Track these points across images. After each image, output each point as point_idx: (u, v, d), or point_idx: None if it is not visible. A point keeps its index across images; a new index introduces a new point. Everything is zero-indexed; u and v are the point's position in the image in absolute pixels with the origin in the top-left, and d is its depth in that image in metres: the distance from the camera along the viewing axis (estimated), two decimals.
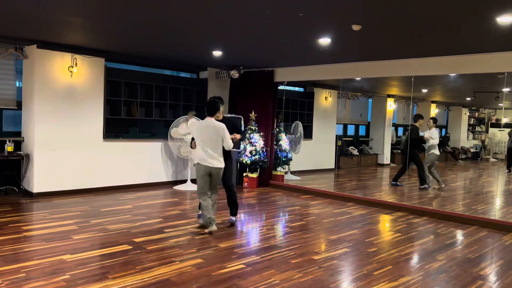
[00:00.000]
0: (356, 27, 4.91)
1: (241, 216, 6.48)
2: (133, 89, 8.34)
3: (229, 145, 5.33)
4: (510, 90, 10.46)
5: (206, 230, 5.33)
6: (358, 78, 9.28)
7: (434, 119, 9.29)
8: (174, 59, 8.51)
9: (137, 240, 4.93)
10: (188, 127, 5.94)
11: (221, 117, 5.48)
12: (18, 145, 7.27)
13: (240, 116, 8.97)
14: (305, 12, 4.49)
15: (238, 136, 5.69)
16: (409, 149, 8.67)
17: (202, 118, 5.79)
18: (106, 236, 5.06)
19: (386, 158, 13.76)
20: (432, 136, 8.97)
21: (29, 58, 7.09)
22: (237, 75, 8.72)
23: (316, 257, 4.58)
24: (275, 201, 7.65)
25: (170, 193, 8.04)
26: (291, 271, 4.16)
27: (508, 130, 12.85)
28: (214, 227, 5.32)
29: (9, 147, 6.95)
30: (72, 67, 7.30)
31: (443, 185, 9.11)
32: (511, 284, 4.04)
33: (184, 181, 8.72)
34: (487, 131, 14.07)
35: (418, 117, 9.25)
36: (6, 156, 6.91)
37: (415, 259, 4.69)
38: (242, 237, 5.35)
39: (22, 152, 7.15)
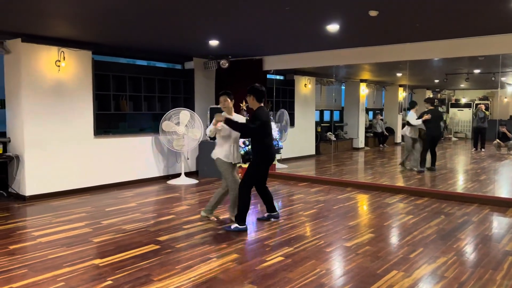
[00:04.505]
0: (373, 13, 4.91)
1: (252, 207, 6.41)
2: (121, 83, 7.99)
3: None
4: (481, 71, 10.95)
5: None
6: (342, 65, 9.36)
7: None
8: (160, 50, 8.21)
9: (161, 239, 4.76)
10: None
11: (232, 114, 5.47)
12: (3, 146, 6.80)
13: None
14: None
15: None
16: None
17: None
18: (126, 236, 4.85)
19: (361, 142, 14.07)
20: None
21: (13, 53, 6.62)
22: (227, 64, 8.55)
23: (347, 244, 4.61)
24: (276, 190, 7.61)
25: (167, 188, 7.82)
26: (332, 260, 4.16)
27: (471, 110, 13.49)
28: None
29: None
30: (60, 61, 6.90)
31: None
32: None
33: (178, 175, 8.51)
34: (448, 111, 14.74)
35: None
36: None
37: (440, 239, 4.81)
38: (264, 228, 5.27)
39: (10, 154, 6.70)
